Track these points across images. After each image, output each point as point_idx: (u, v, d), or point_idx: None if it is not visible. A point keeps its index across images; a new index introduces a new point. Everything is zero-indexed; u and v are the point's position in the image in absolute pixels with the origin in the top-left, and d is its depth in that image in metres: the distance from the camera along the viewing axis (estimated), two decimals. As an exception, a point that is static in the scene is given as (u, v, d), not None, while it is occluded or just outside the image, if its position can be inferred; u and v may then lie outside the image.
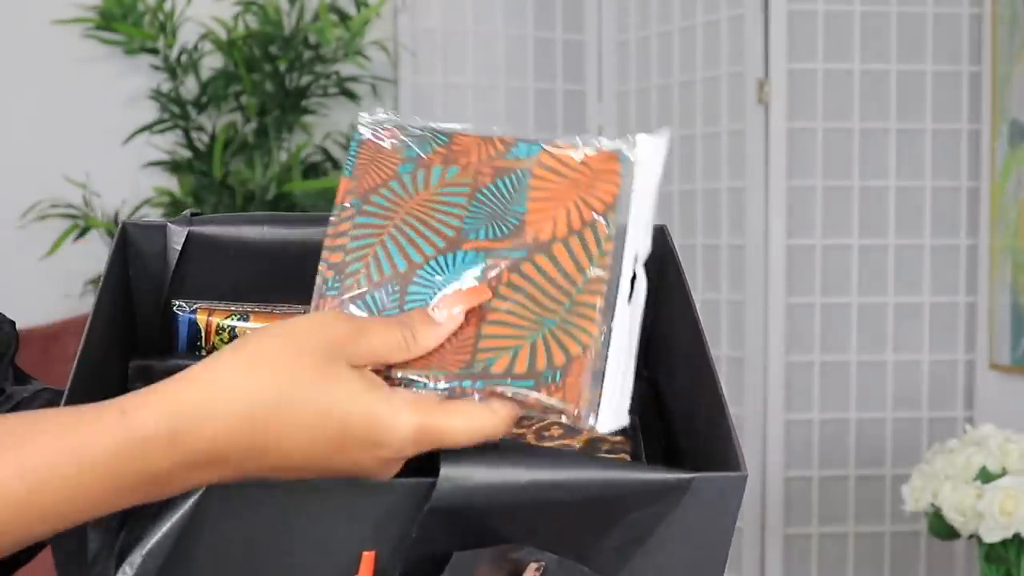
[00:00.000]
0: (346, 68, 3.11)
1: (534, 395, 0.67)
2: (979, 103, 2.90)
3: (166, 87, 3.08)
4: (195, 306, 0.80)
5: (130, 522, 0.66)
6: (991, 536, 2.12)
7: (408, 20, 3.06)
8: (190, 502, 0.65)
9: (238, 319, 0.79)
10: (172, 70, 3.05)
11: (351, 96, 3.13)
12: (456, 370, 0.68)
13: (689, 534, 0.68)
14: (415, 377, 0.68)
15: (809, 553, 2.96)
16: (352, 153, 0.73)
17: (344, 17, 3.03)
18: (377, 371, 0.67)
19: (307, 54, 3.04)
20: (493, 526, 0.67)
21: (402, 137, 0.74)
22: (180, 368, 0.77)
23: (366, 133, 0.74)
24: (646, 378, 0.85)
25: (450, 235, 0.71)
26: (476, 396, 0.67)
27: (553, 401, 0.67)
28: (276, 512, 0.67)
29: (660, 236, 0.83)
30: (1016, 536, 2.13)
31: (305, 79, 3.07)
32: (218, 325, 0.79)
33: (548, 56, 3.22)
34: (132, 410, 0.61)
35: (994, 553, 2.20)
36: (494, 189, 0.72)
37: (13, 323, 0.98)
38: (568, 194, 0.71)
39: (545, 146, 0.72)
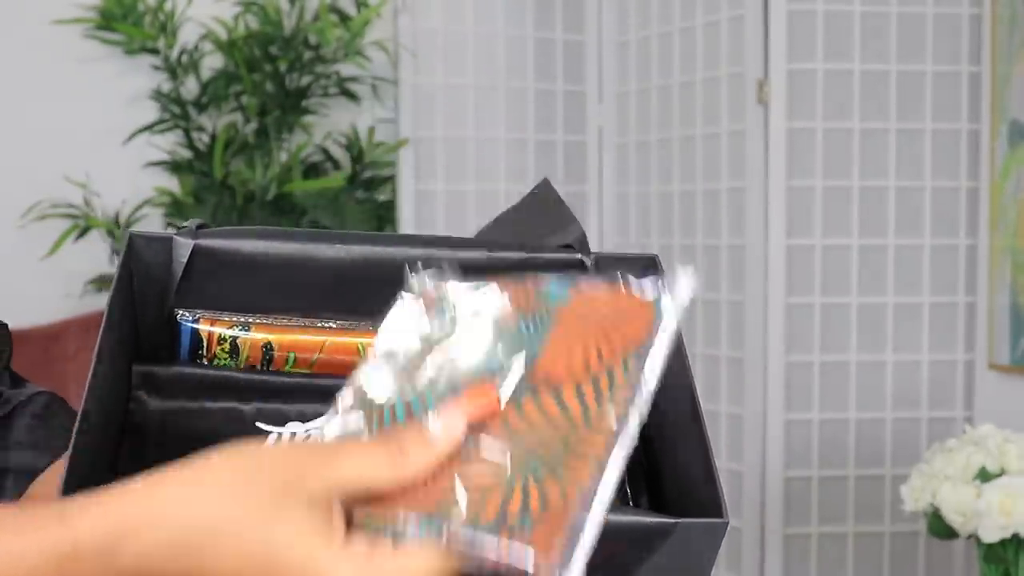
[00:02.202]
0: (346, 68, 3.11)
1: (490, 544, 0.59)
2: (979, 103, 2.90)
3: (166, 87, 3.08)
4: (198, 316, 0.80)
5: None
6: (990, 536, 2.12)
7: (408, 20, 3.06)
8: None
9: (240, 329, 0.80)
10: (172, 70, 3.06)
11: (351, 96, 3.13)
12: (429, 512, 0.61)
13: (670, 572, 0.70)
14: (382, 523, 0.61)
15: (809, 553, 2.96)
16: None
17: (344, 17, 3.04)
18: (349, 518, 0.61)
19: (307, 54, 3.05)
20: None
21: (440, 298, 0.71)
22: (182, 374, 0.79)
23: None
24: None
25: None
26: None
27: (512, 549, 0.58)
28: None
29: (651, 261, 0.86)
30: (1015, 536, 2.13)
31: (305, 79, 3.07)
32: (220, 336, 0.80)
33: (548, 57, 3.23)
34: (71, 518, 0.60)
35: (993, 553, 2.20)
36: (517, 333, 0.68)
37: (5, 325, 0.98)
38: (590, 334, 0.66)
39: (576, 286, 0.68)
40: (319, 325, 0.81)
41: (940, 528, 2.23)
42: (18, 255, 3.02)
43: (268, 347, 0.80)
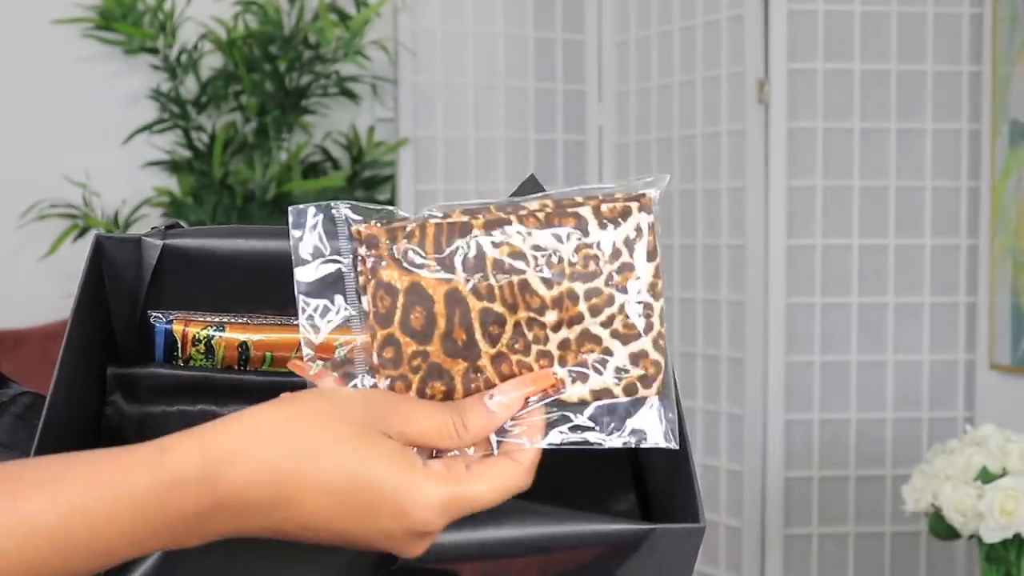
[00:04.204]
0: (346, 68, 3.11)
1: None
2: (979, 103, 2.89)
3: (166, 87, 3.08)
4: (171, 317, 0.80)
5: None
6: (991, 536, 2.12)
7: (408, 20, 3.06)
8: (158, 552, 0.66)
9: (214, 329, 0.79)
10: (172, 70, 3.05)
11: (351, 96, 3.13)
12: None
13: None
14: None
15: (809, 554, 2.95)
16: None
17: (344, 17, 3.03)
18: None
19: (307, 54, 3.04)
20: (455, 575, 0.69)
21: None
22: (158, 376, 0.78)
23: None
24: None
25: None
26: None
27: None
28: (244, 559, 0.67)
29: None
30: (1016, 536, 2.13)
31: (305, 79, 3.07)
32: (194, 336, 0.79)
33: (548, 56, 3.22)
34: (170, 449, 0.61)
35: (994, 553, 2.19)
36: None
37: None
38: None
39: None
40: (295, 322, 0.80)
41: (941, 529, 2.23)
42: (17, 255, 3.02)
43: (244, 347, 0.79)
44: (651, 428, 0.68)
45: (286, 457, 0.62)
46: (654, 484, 0.79)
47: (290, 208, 0.69)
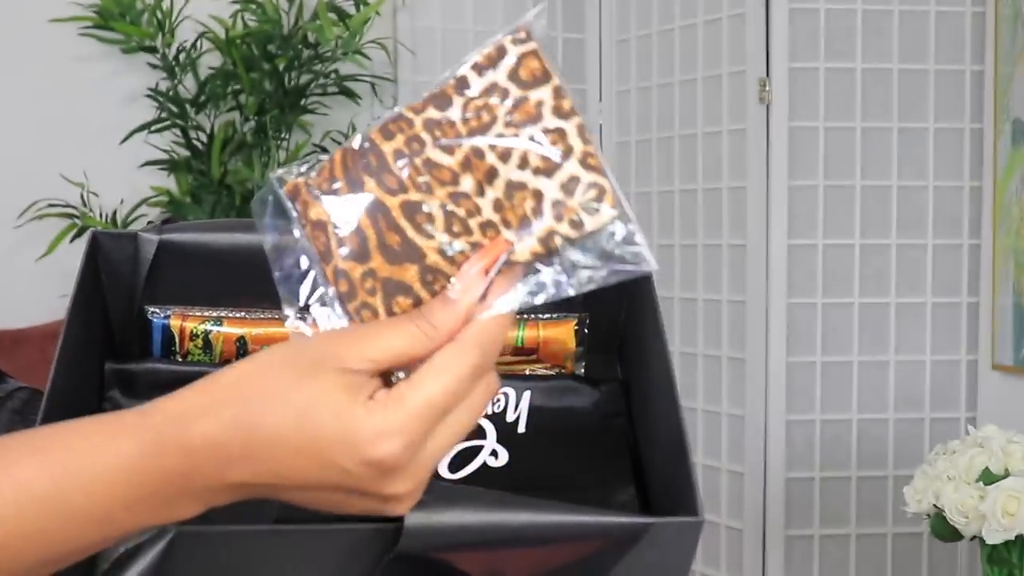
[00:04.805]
0: (345, 67, 3.10)
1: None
2: (982, 102, 2.88)
3: (164, 86, 3.07)
4: (169, 312, 0.80)
5: (98, 568, 0.66)
6: (993, 538, 2.11)
7: (407, 18, 3.05)
8: (158, 548, 0.66)
9: (212, 324, 0.79)
10: (170, 69, 3.04)
11: (350, 95, 3.12)
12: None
13: (647, 571, 0.70)
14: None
15: (811, 555, 2.95)
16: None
17: (343, 15, 3.02)
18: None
19: (306, 53, 3.03)
20: (454, 566, 0.68)
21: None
22: (155, 371, 0.78)
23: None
24: (621, 380, 0.86)
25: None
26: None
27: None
28: (241, 556, 0.67)
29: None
30: (1019, 537, 2.12)
31: (304, 78, 3.06)
32: (192, 331, 0.79)
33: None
34: (150, 413, 0.63)
35: (997, 555, 2.18)
36: None
37: None
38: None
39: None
40: None
41: (943, 530, 2.22)
42: (15, 255, 3.01)
43: (242, 341, 0.79)
44: (618, 256, 0.64)
45: (244, 408, 0.62)
46: (653, 478, 0.78)
47: (251, 204, 0.69)
